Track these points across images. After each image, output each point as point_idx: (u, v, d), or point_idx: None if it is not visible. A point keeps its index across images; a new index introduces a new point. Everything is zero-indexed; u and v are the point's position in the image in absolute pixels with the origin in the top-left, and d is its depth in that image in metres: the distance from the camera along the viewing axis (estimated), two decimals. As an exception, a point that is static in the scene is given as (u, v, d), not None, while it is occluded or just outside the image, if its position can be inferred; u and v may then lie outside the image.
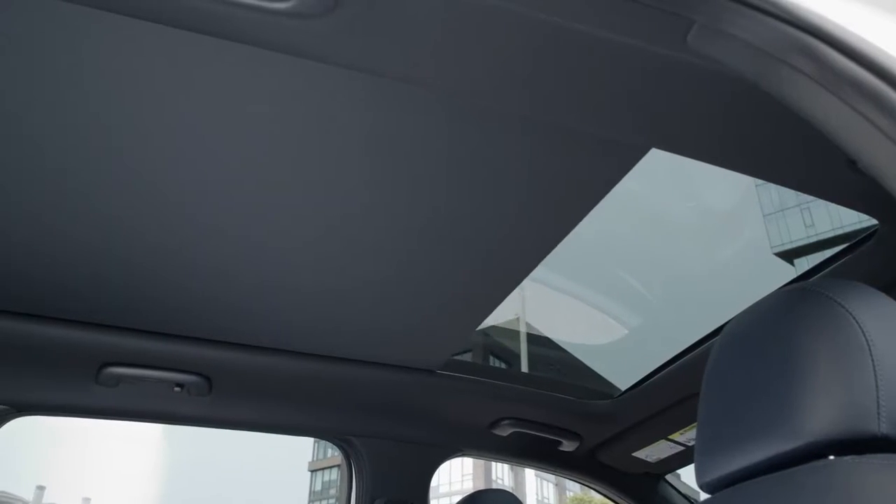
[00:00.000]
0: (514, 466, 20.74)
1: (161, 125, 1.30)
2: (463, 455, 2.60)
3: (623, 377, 2.45)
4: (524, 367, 3.29)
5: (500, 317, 3.04)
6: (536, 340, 3.10)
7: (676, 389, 2.20)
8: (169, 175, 1.43)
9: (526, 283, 2.74)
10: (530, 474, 32.49)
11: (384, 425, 2.41)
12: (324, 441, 2.54)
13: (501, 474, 32.59)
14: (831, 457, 0.87)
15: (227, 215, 1.55)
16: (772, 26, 0.79)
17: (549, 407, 2.42)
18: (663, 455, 2.60)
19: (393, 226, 1.59)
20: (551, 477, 28.52)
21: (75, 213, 1.51)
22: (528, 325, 3.06)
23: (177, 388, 2.07)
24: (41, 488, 37.25)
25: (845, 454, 0.85)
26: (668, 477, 2.82)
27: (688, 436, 2.44)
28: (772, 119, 1.18)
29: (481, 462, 27.96)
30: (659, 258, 3.09)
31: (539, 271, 2.68)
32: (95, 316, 1.88)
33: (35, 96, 1.23)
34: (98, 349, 1.93)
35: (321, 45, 1.07)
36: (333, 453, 34.90)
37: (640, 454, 2.60)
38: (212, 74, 1.20)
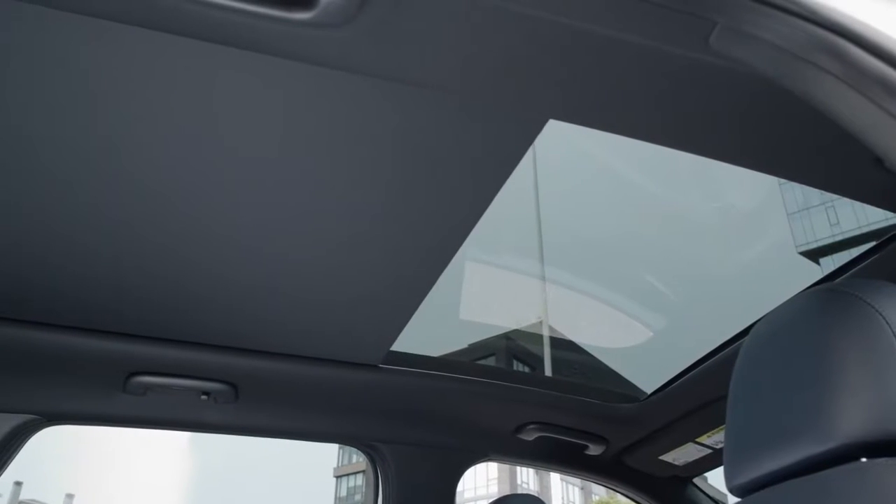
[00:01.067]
0: (540, 471, 20.67)
1: (184, 136, 1.32)
2: (488, 460, 2.59)
3: (648, 380, 2.43)
4: (548, 371, 3.29)
5: (522, 321, 3.04)
6: (560, 344, 3.09)
7: (703, 392, 2.18)
8: (192, 188, 1.44)
9: (549, 286, 2.74)
10: (555, 478, 32.33)
11: (410, 431, 2.41)
12: (349, 447, 2.55)
13: (527, 478, 32.49)
14: (863, 459, 0.86)
15: (247, 226, 1.56)
16: (796, 26, 0.78)
17: (574, 411, 2.41)
18: (691, 458, 2.58)
19: (401, 236, 1.60)
20: (577, 480, 28.37)
21: (103, 227, 1.54)
22: (551, 328, 3.06)
23: (203, 396, 2.09)
24: (70, 496, 37.75)
25: (878, 456, 0.84)
26: (696, 480, 2.80)
27: (715, 438, 2.42)
28: (796, 118, 1.17)
29: (506, 466, 27.88)
30: (683, 259, 3.07)
31: (562, 274, 2.68)
32: (123, 326, 1.90)
33: (68, 118, 1.25)
34: (126, 359, 1.96)
35: (342, 54, 1.07)
36: (358, 459, 34.95)
37: (668, 457, 2.58)
38: (223, 82, 1.21)
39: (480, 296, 2.51)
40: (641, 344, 2.72)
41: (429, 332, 2.31)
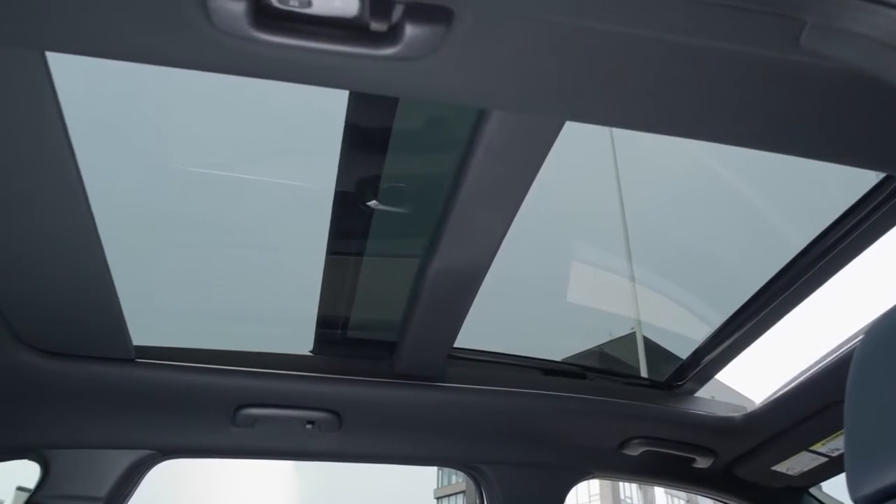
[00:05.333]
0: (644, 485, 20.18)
1: None
2: (593, 477, 2.56)
3: (752, 385, 2.37)
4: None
5: (616, 331, 2.99)
6: (656, 354, 3.02)
7: (815, 398, 2.10)
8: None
9: (640, 290, 2.68)
10: (660, 492, 31.49)
11: (513, 451, 2.40)
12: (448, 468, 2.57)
13: (630, 493, 31.76)
14: None
15: None
16: (890, 16, 0.76)
17: (679, 423, 2.36)
18: (805, 467, 2.47)
19: None
20: (682, 493, 27.54)
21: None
22: (645, 339, 2.99)
23: (308, 426, 2.14)
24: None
25: None
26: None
27: (830, 446, 2.32)
28: (889, 110, 1.13)
29: (608, 482, 27.34)
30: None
31: (655, 278, 2.62)
32: (232, 361, 1.98)
33: None
34: (234, 392, 2.03)
35: (425, 84, 1.10)
36: (458, 479, 34.96)
37: (781, 467, 2.49)
38: None
39: (584, 307, 2.49)
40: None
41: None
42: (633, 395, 2.35)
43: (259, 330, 2.17)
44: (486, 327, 2.10)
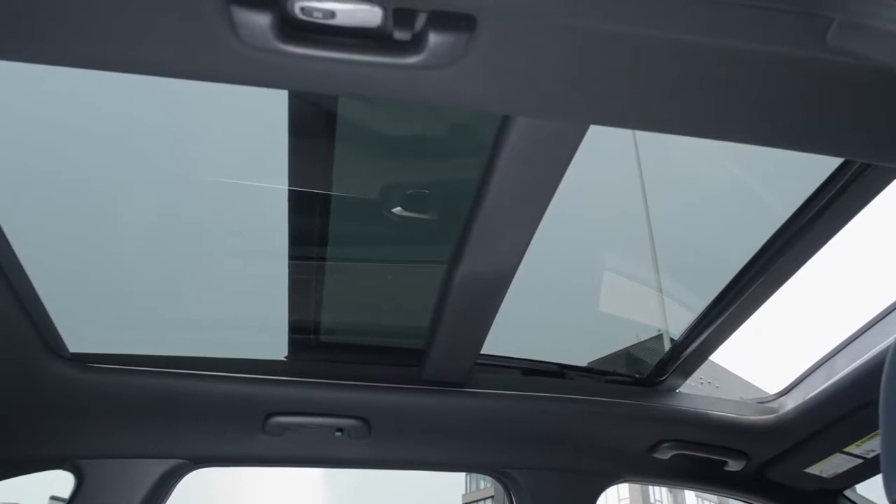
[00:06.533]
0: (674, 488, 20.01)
1: None
2: (623, 481, 2.54)
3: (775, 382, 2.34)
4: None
5: (643, 334, 2.97)
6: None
7: (848, 399, 2.07)
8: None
9: (666, 297, 2.66)
10: (690, 495, 31.19)
11: (543, 456, 2.39)
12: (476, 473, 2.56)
13: (660, 496, 31.49)
14: None
15: None
16: None
17: (710, 426, 2.33)
18: (840, 469, 2.44)
19: None
20: (713, 497, 27.25)
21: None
22: (672, 340, 2.97)
23: (338, 433, 2.15)
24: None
25: None
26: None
27: (866, 447, 2.28)
28: None
29: (637, 485, 27.14)
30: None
31: (678, 283, 2.59)
32: (261, 370, 2.00)
33: None
34: (264, 401, 2.05)
35: (449, 92, 1.10)
36: (486, 484, 34.89)
37: (814, 469, 2.45)
38: None
39: (614, 313, 2.48)
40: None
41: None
42: (660, 398, 2.33)
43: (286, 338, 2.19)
44: (510, 332, 2.09)
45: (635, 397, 2.30)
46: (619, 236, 2.34)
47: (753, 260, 1.88)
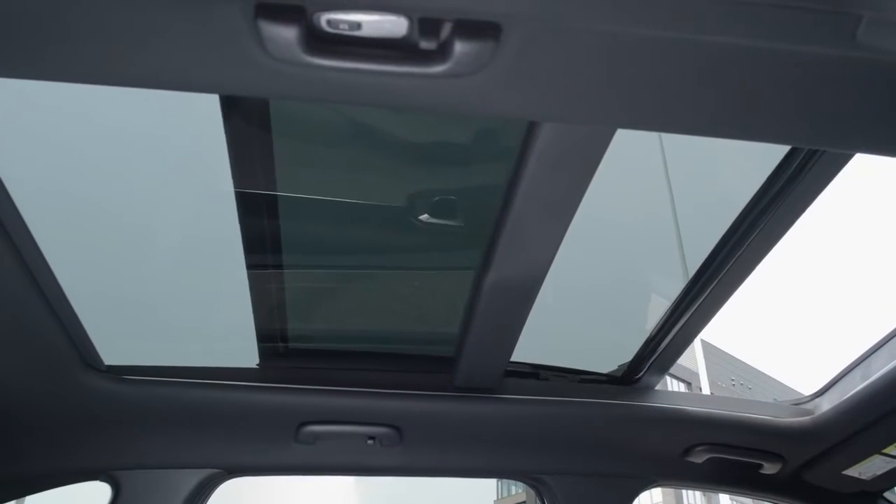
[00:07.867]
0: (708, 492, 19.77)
1: None
2: (657, 485, 2.52)
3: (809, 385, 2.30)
4: (705, 388, 3.16)
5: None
6: (714, 356, 2.96)
7: (886, 399, 2.04)
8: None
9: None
10: (725, 497, 30.82)
11: (576, 461, 2.38)
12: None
13: (693, 500, 31.15)
14: None
15: None
16: None
17: (744, 428, 2.31)
18: (879, 471, 2.40)
19: None
20: (748, 501, 26.88)
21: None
22: (702, 341, 2.95)
23: (369, 441, 2.16)
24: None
25: None
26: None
27: (905, 448, 2.25)
28: None
29: (670, 489, 26.89)
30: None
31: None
32: (294, 379, 2.01)
33: None
34: (297, 410, 2.06)
35: (477, 100, 1.10)
36: (517, 490, 34.75)
37: (852, 471, 2.41)
38: None
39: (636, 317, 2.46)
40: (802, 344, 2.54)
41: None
42: (693, 401, 2.31)
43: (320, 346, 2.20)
44: (538, 339, 2.08)
45: (668, 400, 2.28)
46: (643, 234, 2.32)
47: (716, 249, 1.82)
